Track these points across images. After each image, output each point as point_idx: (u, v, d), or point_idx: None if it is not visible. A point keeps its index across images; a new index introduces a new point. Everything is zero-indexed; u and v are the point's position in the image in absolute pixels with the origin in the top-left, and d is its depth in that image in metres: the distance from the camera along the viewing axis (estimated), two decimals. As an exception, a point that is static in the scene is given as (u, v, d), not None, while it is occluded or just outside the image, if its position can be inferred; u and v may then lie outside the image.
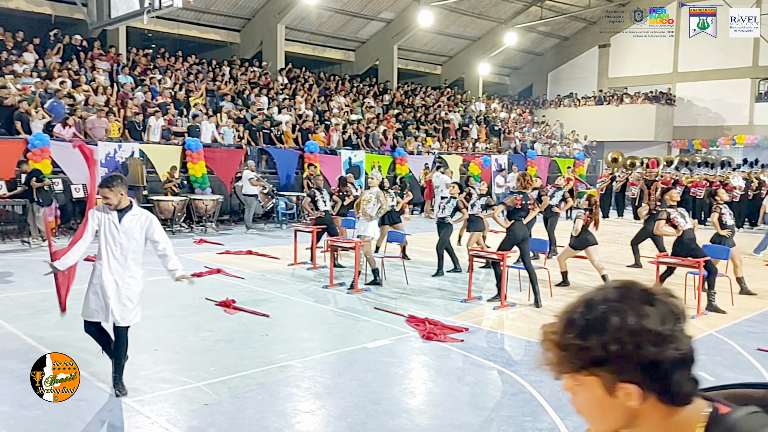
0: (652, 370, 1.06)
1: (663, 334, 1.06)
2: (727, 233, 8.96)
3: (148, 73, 18.81)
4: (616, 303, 1.09)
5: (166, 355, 6.05)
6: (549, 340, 1.15)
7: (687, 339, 1.10)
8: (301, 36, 25.88)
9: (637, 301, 1.09)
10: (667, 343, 1.06)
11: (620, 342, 1.06)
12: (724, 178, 18.08)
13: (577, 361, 1.10)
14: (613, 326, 1.07)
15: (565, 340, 1.11)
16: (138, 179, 14.80)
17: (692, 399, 1.10)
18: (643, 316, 1.07)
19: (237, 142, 17.67)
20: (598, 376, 1.10)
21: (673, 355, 1.07)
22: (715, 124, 28.60)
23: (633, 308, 1.08)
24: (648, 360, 1.06)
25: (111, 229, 4.94)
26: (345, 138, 20.40)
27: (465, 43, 30.55)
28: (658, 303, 1.09)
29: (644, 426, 1.11)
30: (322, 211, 11.10)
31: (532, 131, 29.13)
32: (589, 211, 9.22)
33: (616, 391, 1.09)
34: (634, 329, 1.06)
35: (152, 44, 21.36)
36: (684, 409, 1.10)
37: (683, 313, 1.11)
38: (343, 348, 6.35)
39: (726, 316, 7.87)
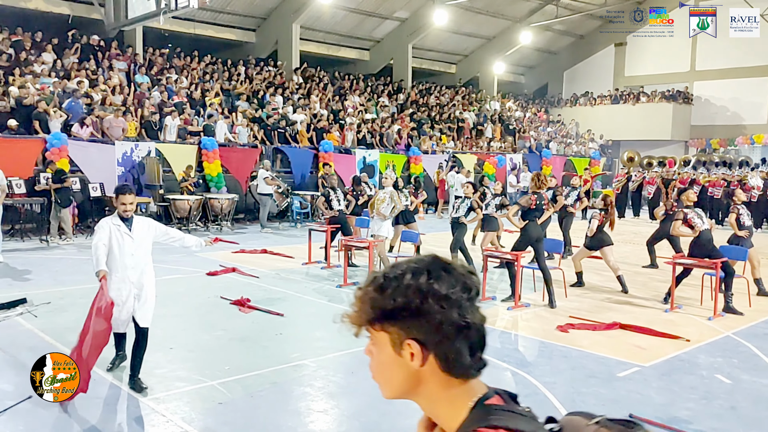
0: (435, 331, 1.12)
1: (450, 297, 1.12)
2: (744, 234, 8.87)
3: (165, 72, 18.95)
4: (416, 265, 1.16)
5: (180, 354, 6.10)
6: (354, 294, 1.22)
7: (476, 313, 1.16)
8: (316, 35, 25.93)
9: (435, 266, 1.15)
10: (453, 308, 1.12)
11: (408, 297, 1.12)
12: (742, 178, 17.88)
13: (370, 313, 1.16)
14: (405, 282, 1.13)
15: (365, 292, 1.18)
16: (154, 178, 14.93)
17: (471, 375, 1.15)
18: (435, 278, 1.13)
19: (252, 142, 17.75)
20: (388, 332, 1.15)
21: (457, 320, 1.12)
22: (733, 123, 28.26)
23: (429, 271, 1.14)
24: (432, 318, 1.11)
25: (124, 240, 4.96)
26: (359, 137, 20.42)
27: (480, 41, 30.44)
28: (455, 273, 1.15)
29: (424, 394, 1.17)
30: (336, 211, 11.12)
31: (547, 130, 28.97)
32: (605, 211, 9.17)
33: (402, 349, 1.14)
34: (423, 287, 1.12)
35: (169, 44, 21.47)
36: (464, 385, 1.15)
37: (477, 289, 1.17)
38: (357, 347, 6.30)
39: (743, 318, 7.79)
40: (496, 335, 6.96)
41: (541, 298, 8.49)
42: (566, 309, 8.05)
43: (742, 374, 5.76)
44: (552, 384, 5.40)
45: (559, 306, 8.15)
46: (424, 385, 1.16)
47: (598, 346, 6.53)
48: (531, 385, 5.39)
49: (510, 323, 7.45)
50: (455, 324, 1.12)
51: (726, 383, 5.53)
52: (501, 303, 8.33)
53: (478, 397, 1.14)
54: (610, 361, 6.05)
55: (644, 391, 5.29)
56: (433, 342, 1.13)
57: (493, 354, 6.23)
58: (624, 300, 8.69)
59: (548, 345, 6.57)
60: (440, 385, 1.15)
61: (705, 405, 5.04)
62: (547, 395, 5.14)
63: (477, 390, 1.16)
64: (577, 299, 8.67)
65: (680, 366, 5.97)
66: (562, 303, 8.32)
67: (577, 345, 6.54)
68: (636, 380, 5.56)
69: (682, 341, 6.71)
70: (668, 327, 7.21)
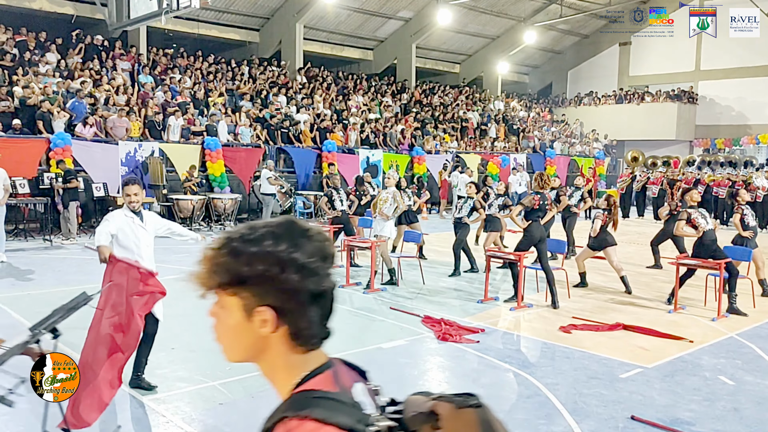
0: (291, 299, 1.10)
1: (308, 266, 1.11)
2: (749, 234, 8.82)
3: (168, 72, 18.97)
4: (274, 230, 1.13)
5: (182, 354, 6.09)
6: (204, 254, 1.17)
7: (330, 280, 1.15)
8: (319, 35, 25.94)
9: (294, 232, 1.14)
10: (310, 276, 1.11)
11: (267, 263, 1.09)
12: (747, 178, 17.80)
13: (224, 276, 1.12)
14: (264, 247, 1.11)
15: (218, 255, 1.13)
16: (158, 178, 14.94)
17: (315, 345, 1.14)
18: (296, 246, 1.11)
19: (255, 142, 17.76)
20: (240, 297, 1.12)
21: (313, 288, 1.11)
22: (738, 122, 28.14)
23: (289, 237, 1.12)
24: (289, 287, 1.10)
25: (138, 232, 4.94)
26: (363, 137, 20.41)
27: (484, 41, 30.39)
28: (313, 240, 1.14)
29: (267, 360, 1.15)
30: (339, 211, 11.11)
31: (552, 130, 28.90)
32: (608, 211, 9.13)
33: (253, 315, 1.12)
34: (283, 255, 1.10)
35: (173, 44, 21.53)
36: (305, 354, 1.14)
37: (332, 255, 1.16)
38: (359, 348, 6.34)
39: (747, 318, 7.75)
40: (499, 336, 6.93)
41: (544, 299, 8.46)
42: (569, 310, 8.03)
43: (745, 375, 5.73)
44: (554, 385, 5.37)
45: (562, 306, 8.12)
46: (268, 352, 1.14)
47: (600, 347, 6.50)
48: (533, 386, 5.37)
49: (512, 324, 7.43)
50: (312, 293, 1.11)
51: (729, 385, 5.50)
52: (504, 303, 8.30)
53: (305, 373, 1.12)
54: (612, 362, 6.02)
55: (647, 393, 5.26)
56: (287, 310, 1.11)
57: (496, 355, 6.21)
58: (627, 301, 8.65)
59: (551, 346, 6.55)
60: (283, 352, 1.14)
61: (708, 407, 5.01)
62: (549, 397, 5.12)
63: (315, 361, 1.14)
64: (580, 300, 8.64)
65: (683, 367, 5.94)
66: (565, 303, 8.29)
67: (580, 346, 6.51)
68: (638, 381, 5.53)
69: (686, 342, 6.68)
70: (672, 328, 7.18)
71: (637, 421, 4.66)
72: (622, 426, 4.60)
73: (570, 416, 4.73)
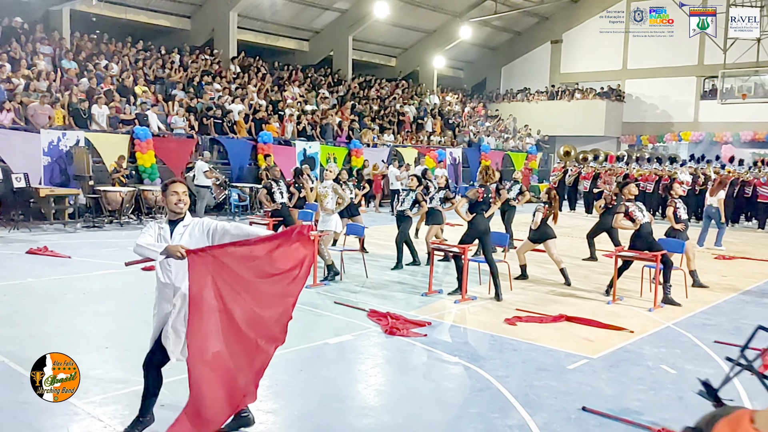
0: None
1: None
2: (681, 227, 9.11)
3: (94, 59, 18.07)
4: None
5: (117, 353, 5.74)
6: None
7: None
8: (254, 24, 25.34)
9: None
10: None
11: None
12: (672, 174, 18.52)
13: None
14: None
15: None
16: (84, 169, 14.22)
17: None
18: None
19: (188, 132, 17.16)
20: None
21: None
22: (662, 120, 29.34)
23: None
24: None
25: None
26: (299, 129, 20.07)
27: (420, 35, 30.49)
28: None
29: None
30: (279, 203, 10.84)
31: (486, 125, 29.30)
32: (549, 204, 9.24)
33: None
34: None
35: (97, 29, 20.51)
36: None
37: None
38: (304, 344, 6.15)
39: (681, 309, 7.99)
40: (445, 329, 6.88)
41: (487, 291, 8.49)
42: (512, 302, 8.07)
43: (685, 364, 5.87)
44: (504, 378, 5.34)
45: (505, 299, 8.16)
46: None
47: (546, 338, 6.54)
48: (484, 379, 5.32)
49: (458, 317, 7.40)
50: None
51: (671, 373, 5.62)
52: (448, 296, 8.27)
53: None
54: (559, 354, 6.06)
55: (594, 383, 5.31)
56: None
57: (444, 348, 6.15)
58: (567, 292, 8.79)
59: (498, 338, 6.54)
60: None
61: (653, 396, 5.09)
62: (500, 389, 5.08)
63: None
64: (522, 292, 8.72)
65: (627, 357, 6.04)
66: (508, 296, 8.34)
67: (526, 338, 6.53)
68: (586, 372, 5.58)
69: (627, 333, 6.82)
70: (612, 318, 7.32)
71: (588, 412, 4.68)
72: (575, 417, 4.61)
73: (523, 409, 4.71)
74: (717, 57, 26.48)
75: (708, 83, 28.58)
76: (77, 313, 7.09)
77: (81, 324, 6.68)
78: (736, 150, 25.67)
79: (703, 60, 28.00)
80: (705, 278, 9.57)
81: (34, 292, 7.96)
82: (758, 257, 12.39)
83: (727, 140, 27.19)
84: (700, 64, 28.23)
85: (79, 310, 7.18)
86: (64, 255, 10.35)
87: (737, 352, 4.85)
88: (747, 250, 13.31)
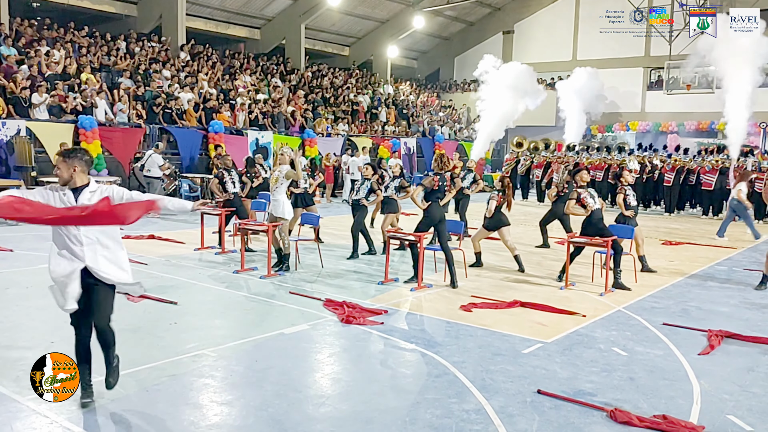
0: None
1: None
2: (630, 213, 9.31)
3: (35, 45, 17.37)
4: None
5: (63, 348, 5.47)
6: None
7: None
8: (203, 11, 24.78)
9: None
10: None
11: None
12: (621, 162, 18.94)
13: None
14: None
15: None
16: (25, 159, 13.70)
17: None
18: None
19: (135, 121, 16.69)
20: None
21: None
22: (610, 110, 29.93)
23: None
24: None
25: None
26: (251, 118, 19.76)
27: (373, 24, 30.36)
28: None
29: None
30: (231, 193, 10.65)
31: (440, 115, 29.41)
32: (503, 192, 9.32)
33: None
34: None
35: (38, 15, 19.73)
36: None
37: None
38: (259, 335, 6.06)
39: (631, 293, 8.17)
40: (402, 316, 6.88)
41: (443, 279, 8.52)
42: (467, 289, 8.12)
43: (636, 346, 6.00)
44: (461, 363, 5.36)
45: (461, 286, 8.20)
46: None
47: (501, 324, 6.60)
48: (440, 365, 5.33)
49: (414, 305, 7.40)
50: None
51: (623, 355, 5.74)
52: (404, 284, 8.27)
53: None
54: (514, 339, 6.12)
55: (549, 367, 5.37)
56: None
57: (401, 335, 6.14)
58: (521, 279, 8.89)
59: (453, 325, 6.57)
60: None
61: (606, 377, 5.19)
62: (457, 375, 5.10)
63: None
64: (477, 279, 8.78)
65: (579, 340, 6.14)
66: (463, 283, 8.38)
67: (481, 324, 6.58)
68: (540, 356, 5.64)
69: (579, 317, 6.93)
70: (564, 303, 7.43)
71: (543, 395, 4.73)
72: (530, 400, 4.65)
73: (479, 393, 4.73)
74: (663, 48, 27.16)
75: (654, 74, 29.30)
76: (21, 307, 6.82)
77: (25, 319, 6.43)
78: (681, 139, 26.45)
79: (650, 52, 28.69)
80: (653, 263, 9.81)
81: (-27, 286, 7.63)
82: (702, 243, 12.79)
83: (673, 130, 27.97)
84: (646, 56, 28.91)
85: (23, 305, 6.91)
86: (6, 248, 9.96)
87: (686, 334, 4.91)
88: (692, 236, 13.72)
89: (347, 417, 4.33)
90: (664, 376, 5.24)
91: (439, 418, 4.32)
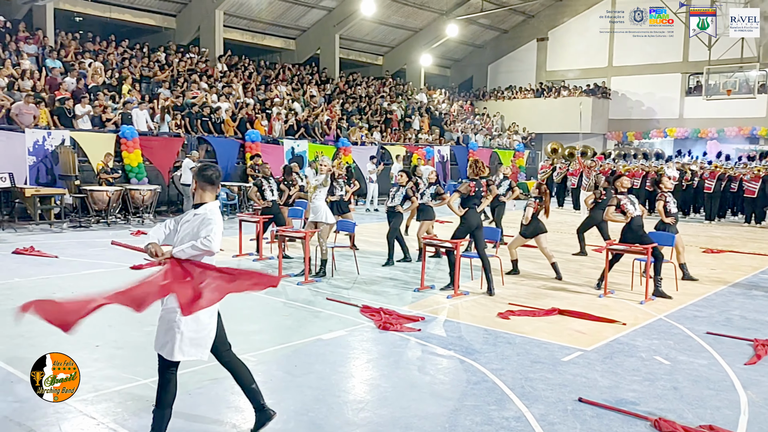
0: None
1: None
2: (671, 221, 9.14)
3: (78, 57, 17.88)
4: None
5: (108, 351, 5.67)
6: None
7: None
8: (240, 23, 25.20)
9: None
10: None
11: None
12: (659, 169, 18.63)
13: None
14: None
15: None
16: (69, 168, 14.05)
17: None
18: None
19: (174, 131, 17.02)
20: None
21: None
22: (647, 117, 29.54)
23: None
24: None
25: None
26: (287, 127, 19.98)
27: (407, 33, 30.46)
28: None
29: None
30: (270, 201, 10.79)
31: (474, 123, 29.34)
32: (540, 199, 9.25)
33: None
34: None
35: (81, 28, 20.30)
36: None
37: None
38: (298, 340, 6.11)
39: (672, 301, 8.02)
40: (439, 323, 6.86)
41: (479, 286, 8.48)
42: (504, 296, 8.07)
43: (679, 355, 5.89)
44: (500, 371, 5.33)
45: (498, 293, 8.15)
46: None
47: (539, 331, 6.54)
48: (479, 372, 5.31)
49: (452, 312, 7.38)
50: None
51: (665, 364, 5.64)
52: (440, 292, 8.25)
53: None
54: (552, 346, 6.06)
55: (589, 375, 5.31)
56: None
57: (438, 342, 6.13)
58: (559, 287, 8.80)
59: (491, 332, 6.53)
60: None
61: (648, 386, 5.10)
62: (496, 382, 5.07)
63: None
64: (513, 287, 8.72)
65: (620, 349, 6.05)
66: (500, 290, 8.33)
67: (520, 331, 6.53)
68: (580, 364, 5.58)
69: (619, 325, 6.83)
70: (604, 311, 7.33)
71: (584, 403, 4.67)
72: (571, 408, 4.60)
73: (519, 401, 4.70)
74: (702, 54, 26.68)
75: (693, 80, 28.80)
76: (66, 312, 6.99)
77: (70, 323, 6.59)
78: (721, 146, 25.91)
79: (688, 57, 28.21)
80: (694, 271, 9.63)
81: (21, 291, 7.85)
82: (745, 251, 12.49)
83: (712, 136, 27.42)
84: (685, 61, 28.44)
85: (68, 309, 7.07)
86: (51, 255, 10.23)
87: (730, 343, 4.84)
88: (734, 244, 13.42)
89: (387, 422, 4.34)
90: (709, 386, 5.13)
91: (479, 425, 4.29)
